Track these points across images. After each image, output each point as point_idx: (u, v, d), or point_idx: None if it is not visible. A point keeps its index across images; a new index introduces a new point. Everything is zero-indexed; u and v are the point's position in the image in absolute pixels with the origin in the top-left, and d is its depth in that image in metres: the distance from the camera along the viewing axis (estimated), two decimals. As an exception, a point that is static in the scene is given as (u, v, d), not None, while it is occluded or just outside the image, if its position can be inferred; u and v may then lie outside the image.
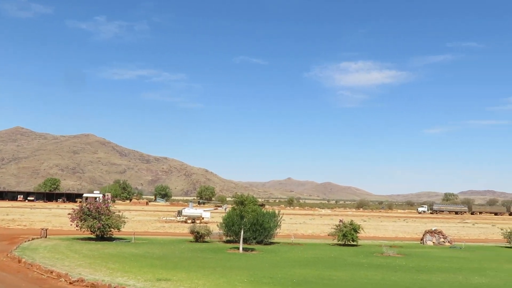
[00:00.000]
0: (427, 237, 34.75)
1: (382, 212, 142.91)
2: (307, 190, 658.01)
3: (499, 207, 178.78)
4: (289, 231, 40.90)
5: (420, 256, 25.45)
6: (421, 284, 15.36)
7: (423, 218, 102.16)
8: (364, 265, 20.71)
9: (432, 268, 20.33)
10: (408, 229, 55.40)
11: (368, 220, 76.35)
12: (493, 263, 22.74)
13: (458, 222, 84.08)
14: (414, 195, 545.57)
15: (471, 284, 15.91)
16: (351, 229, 30.57)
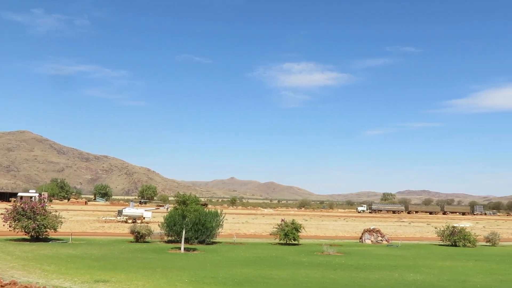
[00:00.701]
0: (366, 236, 35.64)
1: (323, 212, 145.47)
2: (250, 189, 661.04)
3: (433, 206, 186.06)
4: (231, 231, 40.86)
5: (359, 254, 26.07)
6: (359, 282, 15.72)
7: (363, 217, 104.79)
8: (305, 263, 20.99)
9: (370, 266, 20.87)
10: (348, 228, 56.62)
11: (310, 219, 77.50)
12: (427, 261, 23.60)
13: (395, 221, 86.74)
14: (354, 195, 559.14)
15: (406, 281, 16.43)
16: (293, 228, 30.91)
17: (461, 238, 33.35)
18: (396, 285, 15.20)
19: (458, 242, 33.21)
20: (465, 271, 19.96)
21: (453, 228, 34.62)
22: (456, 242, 33.28)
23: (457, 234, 33.69)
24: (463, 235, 33.61)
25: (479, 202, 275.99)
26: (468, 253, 28.56)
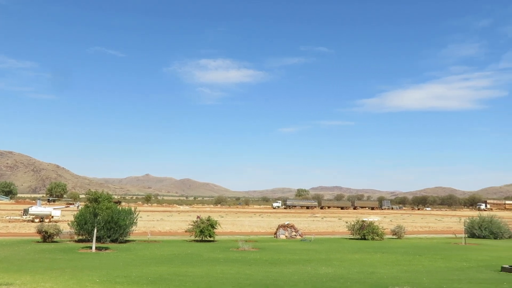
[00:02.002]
0: (280, 231, 36.30)
1: (239, 208, 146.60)
2: (165, 186, 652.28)
3: (345, 202, 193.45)
4: (146, 229, 40.09)
5: (274, 249, 26.48)
6: (274, 276, 15.95)
7: (278, 213, 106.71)
8: (220, 260, 20.99)
9: (284, 260, 21.25)
10: (263, 224, 57.41)
11: (226, 216, 77.75)
12: (338, 254, 24.43)
13: (309, 216, 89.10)
14: (270, 191, 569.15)
15: (318, 274, 16.89)
16: (208, 225, 30.84)
17: (370, 232, 34.83)
18: (309, 278, 15.57)
19: (367, 235, 34.64)
20: (373, 263, 20.86)
21: (362, 222, 36.09)
22: (365, 236, 34.69)
23: (366, 228, 35.14)
24: (372, 229, 35.13)
25: (387, 197, 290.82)
26: (376, 246, 29.89)
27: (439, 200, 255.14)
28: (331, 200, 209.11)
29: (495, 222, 39.67)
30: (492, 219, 40.27)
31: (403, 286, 14.22)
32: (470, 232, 38.92)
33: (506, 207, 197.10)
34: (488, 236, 38.44)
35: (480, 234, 38.75)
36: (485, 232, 38.77)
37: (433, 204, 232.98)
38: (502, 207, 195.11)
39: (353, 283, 14.67)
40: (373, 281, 15.20)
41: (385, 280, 15.42)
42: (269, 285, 14.11)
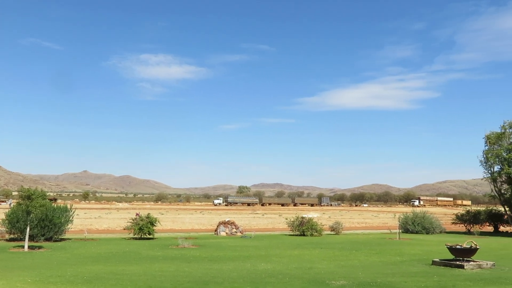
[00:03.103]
0: (221, 228, 36.28)
1: (180, 205, 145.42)
2: (104, 183, 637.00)
3: (285, 198, 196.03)
4: (82, 227, 39.01)
5: (214, 246, 26.42)
6: (213, 273, 15.91)
7: (219, 210, 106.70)
8: (159, 257, 20.72)
9: (224, 257, 21.25)
10: (204, 220, 57.22)
11: (166, 213, 76.94)
12: (277, 250, 24.68)
13: (249, 213, 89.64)
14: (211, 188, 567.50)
15: (257, 270, 17.00)
16: (148, 222, 30.37)
17: (309, 228, 35.42)
18: (248, 275, 15.63)
19: (306, 231, 35.21)
20: (311, 258, 21.22)
21: (302, 219, 36.65)
22: (304, 232, 35.24)
23: (306, 224, 35.71)
24: (311, 225, 35.73)
25: (326, 194, 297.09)
26: (314, 241, 30.42)
27: (376, 196, 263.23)
28: (272, 197, 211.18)
29: (428, 218, 41.35)
30: (425, 215, 41.95)
31: (340, 280, 14.55)
32: (404, 228, 40.36)
33: (438, 204, 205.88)
34: (420, 231, 40.00)
35: (413, 230, 40.27)
36: (418, 228, 40.33)
37: (370, 201, 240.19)
38: (434, 204, 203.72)
39: (291, 279, 14.85)
40: (310, 276, 15.46)
41: (323, 275, 15.72)
42: (208, 282, 14.05)
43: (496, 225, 46.35)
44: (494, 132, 44.31)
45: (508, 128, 43.76)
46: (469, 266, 17.87)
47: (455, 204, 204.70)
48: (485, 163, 44.13)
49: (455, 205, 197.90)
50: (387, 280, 14.80)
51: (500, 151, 42.99)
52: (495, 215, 46.22)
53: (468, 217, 45.64)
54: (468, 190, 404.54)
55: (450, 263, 18.51)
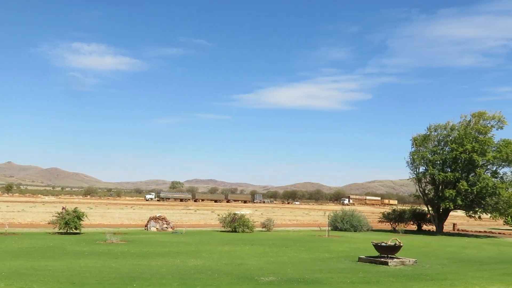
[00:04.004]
0: (151, 224, 35.67)
1: (110, 200, 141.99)
2: (30, 175, 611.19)
3: (219, 195, 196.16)
4: (3, 220, 37.16)
5: (143, 242, 25.92)
6: (141, 269, 15.57)
7: (150, 205, 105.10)
8: (85, 253, 20.05)
9: (153, 253, 20.87)
10: (135, 216, 56.15)
11: (95, 208, 74.83)
12: (208, 246, 24.55)
13: (182, 208, 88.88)
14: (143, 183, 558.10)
15: (187, 266, 16.81)
16: (75, 216, 29.31)
17: (241, 225, 35.50)
18: (177, 271, 15.42)
19: (238, 228, 35.27)
20: (241, 254, 21.26)
21: (234, 215, 36.68)
22: (236, 228, 35.29)
23: (237, 220, 35.77)
24: (243, 221, 35.83)
25: (260, 191, 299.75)
26: (246, 238, 30.53)
27: (308, 194, 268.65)
28: (205, 193, 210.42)
29: (356, 216, 42.59)
30: (353, 213, 43.19)
31: (268, 276, 14.64)
32: (333, 225, 41.31)
33: (366, 202, 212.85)
34: (349, 229, 41.13)
35: (342, 227, 41.33)
36: (346, 225, 41.43)
37: (302, 199, 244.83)
38: (363, 202, 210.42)
39: (220, 275, 14.78)
40: (240, 272, 15.46)
41: (252, 271, 15.76)
42: (136, 278, 13.72)
43: (419, 224, 48.46)
44: (420, 134, 46.27)
45: (433, 131, 45.82)
46: (393, 263, 18.52)
47: (382, 203, 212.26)
48: (411, 164, 46.00)
49: (382, 204, 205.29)
50: (315, 276, 15.05)
51: (426, 153, 44.92)
52: (419, 214, 48.30)
53: (394, 216, 47.42)
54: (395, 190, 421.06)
55: (375, 260, 19.11)
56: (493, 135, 43.56)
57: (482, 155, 41.88)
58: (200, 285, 12.87)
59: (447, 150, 44.41)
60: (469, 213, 45.04)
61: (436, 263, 20.32)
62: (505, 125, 43.69)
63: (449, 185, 43.31)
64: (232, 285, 12.95)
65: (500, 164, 42.91)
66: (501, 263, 21.46)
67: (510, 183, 42.37)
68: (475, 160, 41.55)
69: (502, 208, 42.12)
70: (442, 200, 42.83)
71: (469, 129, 43.67)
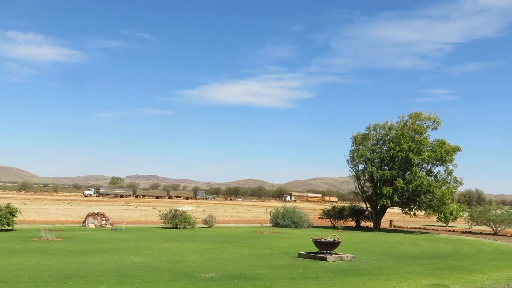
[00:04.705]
0: (90, 220, 34.77)
1: (46, 195, 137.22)
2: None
3: (160, 191, 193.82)
4: None
5: (80, 239, 25.20)
6: (77, 267, 15.11)
7: (89, 201, 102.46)
8: (18, 250, 19.25)
9: (91, 250, 20.31)
10: (72, 212, 54.56)
11: (30, 203, 72.16)
12: (148, 243, 24.17)
13: (122, 205, 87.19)
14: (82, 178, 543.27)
15: (125, 263, 16.47)
16: (7, 212, 28.08)
17: (182, 221, 35.19)
18: (115, 268, 15.07)
19: (179, 224, 34.95)
20: (182, 251, 21.06)
21: (175, 212, 36.33)
22: (177, 225, 34.96)
23: (179, 217, 35.45)
24: (184, 218, 35.54)
25: (202, 187, 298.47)
26: (187, 234, 30.29)
27: (250, 191, 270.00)
28: (146, 189, 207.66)
29: (297, 213, 43.21)
30: (295, 210, 43.79)
31: (209, 273, 14.57)
32: (275, 222, 41.72)
33: (307, 199, 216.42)
34: (290, 225, 41.66)
35: (284, 224, 41.81)
36: (288, 222, 41.94)
37: (245, 195, 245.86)
38: (304, 199, 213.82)
39: (160, 272, 14.58)
40: (180, 269, 15.30)
41: (192, 268, 15.64)
42: (71, 276, 13.30)
43: (358, 220, 49.78)
44: (360, 133, 47.50)
45: (372, 130, 47.15)
46: (332, 259, 18.89)
47: (323, 200, 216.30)
48: (351, 162, 47.16)
49: (323, 201, 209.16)
50: (255, 272, 15.12)
51: (365, 151, 46.15)
52: (358, 211, 49.59)
53: (333, 212, 48.48)
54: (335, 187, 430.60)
55: (315, 256, 19.43)
56: (429, 135, 45.39)
57: (418, 154, 43.48)
58: (138, 282, 12.63)
59: (385, 149, 45.81)
60: (405, 210, 46.73)
61: (373, 258, 20.91)
62: (439, 126, 45.58)
63: (387, 183, 44.71)
64: (171, 282, 12.79)
65: (434, 163, 44.73)
66: (433, 258, 22.36)
67: (443, 182, 44.22)
68: (411, 159, 43.08)
69: (435, 206, 43.94)
70: (379, 197, 44.14)
71: (406, 129, 45.24)
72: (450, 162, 44.05)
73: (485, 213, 47.76)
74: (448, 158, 43.63)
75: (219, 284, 12.80)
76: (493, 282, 15.28)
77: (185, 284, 12.63)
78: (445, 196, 42.72)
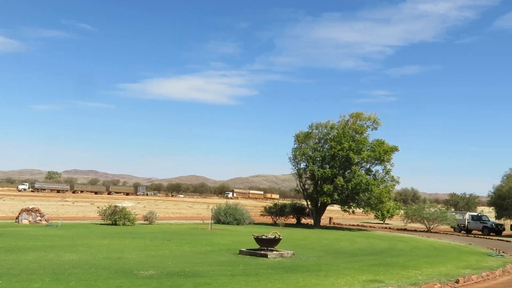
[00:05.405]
0: (23, 216, 33.43)
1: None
2: None
3: (99, 186, 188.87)
4: None
5: (13, 235, 24.18)
6: (9, 265, 14.47)
7: (23, 196, 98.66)
8: None
9: (24, 247, 19.51)
10: (5, 207, 52.36)
11: (-41, 198, 68.54)
12: (86, 240, 23.51)
13: (59, 200, 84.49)
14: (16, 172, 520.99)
15: (61, 261, 15.92)
16: None
17: (122, 217, 34.49)
18: (50, 266, 14.54)
19: (119, 221, 34.24)
20: (121, 248, 20.62)
21: (114, 208, 35.55)
22: (116, 221, 34.23)
23: (118, 213, 34.71)
24: (124, 214, 34.85)
25: (143, 183, 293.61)
26: (126, 231, 29.70)
27: (192, 187, 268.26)
28: (85, 184, 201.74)
29: (239, 210, 43.33)
30: (237, 206, 43.90)
31: (148, 270, 14.33)
32: (216, 218, 41.65)
33: (250, 196, 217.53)
34: (232, 222, 41.71)
35: (226, 220, 41.81)
36: (229, 219, 41.98)
37: (187, 192, 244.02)
38: (246, 196, 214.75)
39: (98, 269, 14.19)
40: (119, 267, 14.96)
41: (131, 265, 15.34)
42: (2, 274, 12.70)
43: (298, 217, 50.52)
44: (302, 132, 48.18)
45: (314, 129, 47.94)
46: (272, 255, 19.05)
47: (265, 197, 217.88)
48: (293, 160, 47.77)
49: (265, 198, 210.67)
50: (196, 269, 15.01)
51: (307, 150, 46.87)
52: (299, 208, 50.33)
53: (275, 209, 48.97)
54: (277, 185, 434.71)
55: (256, 253, 19.52)
56: (368, 135, 46.70)
57: (358, 153, 44.62)
58: (75, 280, 12.24)
59: (327, 147, 46.70)
60: (344, 208, 47.88)
61: (312, 255, 21.25)
62: (379, 126, 46.96)
63: (327, 181, 45.59)
64: (109, 280, 12.47)
65: (373, 162, 46.06)
66: (370, 255, 23.00)
67: (381, 180, 45.58)
68: (351, 158, 44.14)
69: (373, 203, 45.27)
70: (320, 195, 44.96)
71: (347, 129, 46.32)
72: (388, 161, 45.49)
73: (420, 211, 49.68)
74: (386, 158, 45.03)
75: (158, 281, 12.60)
76: (426, 278, 15.87)
77: (123, 281, 12.35)
78: (383, 195, 44.08)
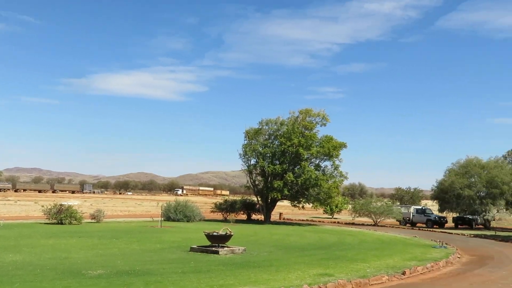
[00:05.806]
0: (-38, 216, 31.94)
1: None
2: None
3: (43, 184, 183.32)
4: None
5: (-49, 236, 23.07)
6: None
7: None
8: None
9: (-37, 249, 18.66)
10: None
11: None
12: (30, 240, 22.72)
13: (0, 199, 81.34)
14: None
15: (4, 262, 15.33)
16: None
17: (68, 216, 33.55)
18: (-9, 268, 13.96)
19: (64, 219, 33.28)
20: (68, 248, 20.06)
21: (60, 206, 34.53)
22: (62, 220, 33.26)
23: (64, 212, 33.74)
24: (70, 213, 33.91)
25: (90, 181, 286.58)
26: (73, 230, 28.92)
27: (141, 185, 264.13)
28: (28, 183, 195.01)
29: (189, 206, 43.02)
30: (187, 203, 43.55)
31: (97, 270, 14.00)
32: (166, 216, 41.19)
33: (199, 193, 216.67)
34: (182, 219, 41.35)
35: (175, 218, 41.40)
36: (179, 216, 41.60)
37: (135, 189, 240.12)
38: (196, 193, 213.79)
39: (43, 270, 13.74)
40: (65, 267, 14.54)
41: (79, 265, 14.95)
42: None
43: (249, 213, 50.65)
44: (252, 128, 48.28)
45: (264, 125, 48.17)
46: (224, 252, 19.02)
47: (215, 193, 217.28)
48: (243, 156, 47.82)
49: (215, 194, 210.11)
50: (146, 268, 14.79)
51: (257, 146, 47.03)
52: (249, 205, 50.46)
53: (225, 206, 48.88)
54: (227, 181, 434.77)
55: (207, 249, 19.44)
56: (317, 131, 47.30)
57: (307, 149, 45.16)
58: (19, 282, 11.80)
59: (277, 143, 47.02)
60: (294, 203, 48.39)
61: (263, 250, 21.37)
62: (327, 122, 47.67)
63: (277, 176, 45.92)
64: (56, 281, 12.10)
65: (322, 158, 46.75)
66: (320, 249, 23.36)
67: (330, 176, 46.34)
68: (301, 153, 44.64)
69: (322, 199, 45.99)
70: (270, 190, 45.23)
71: (297, 125, 46.77)
72: (337, 157, 46.27)
73: (367, 205, 50.90)
74: (335, 154, 45.79)
75: (108, 281, 12.33)
76: (374, 270, 16.27)
77: (71, 282, 12.01)
78: (331, 190, 44.82)
